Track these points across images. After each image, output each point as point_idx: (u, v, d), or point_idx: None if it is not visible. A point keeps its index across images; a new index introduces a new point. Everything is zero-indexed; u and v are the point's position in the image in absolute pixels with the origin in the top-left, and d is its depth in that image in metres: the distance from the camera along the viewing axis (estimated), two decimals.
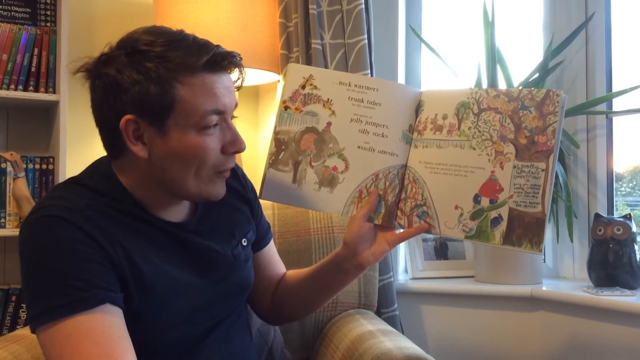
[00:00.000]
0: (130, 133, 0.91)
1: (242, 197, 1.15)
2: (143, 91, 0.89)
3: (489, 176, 0.96)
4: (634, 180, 2.00)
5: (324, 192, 1.05)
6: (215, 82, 0.92)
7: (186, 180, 0.94)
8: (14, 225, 1.84)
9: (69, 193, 0.94)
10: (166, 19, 1.81)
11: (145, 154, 0.92)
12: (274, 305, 1.23)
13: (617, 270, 1.70)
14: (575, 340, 1.73)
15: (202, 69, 0.90)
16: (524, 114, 0.95)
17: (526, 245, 0.92)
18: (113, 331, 0.85)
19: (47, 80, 1.87)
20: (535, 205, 0.92)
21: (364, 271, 1.10)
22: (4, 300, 1.85)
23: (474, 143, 0.97)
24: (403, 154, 1.04)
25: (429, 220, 1.00)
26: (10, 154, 1.82)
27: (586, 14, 1.92)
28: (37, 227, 0.89)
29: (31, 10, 1.94)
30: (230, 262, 1.06)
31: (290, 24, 1.92)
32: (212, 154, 0.94)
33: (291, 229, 1.63)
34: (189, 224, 1.02)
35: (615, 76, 1.92)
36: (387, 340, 1.28)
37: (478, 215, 0.96)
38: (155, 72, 0.88)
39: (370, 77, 1.14)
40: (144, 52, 0.90)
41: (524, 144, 0.94)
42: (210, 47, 0.92)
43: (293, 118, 1.06)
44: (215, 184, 0.97)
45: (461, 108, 1.00)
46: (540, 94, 0.94)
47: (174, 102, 0.89)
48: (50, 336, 0.84)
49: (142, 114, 0.90)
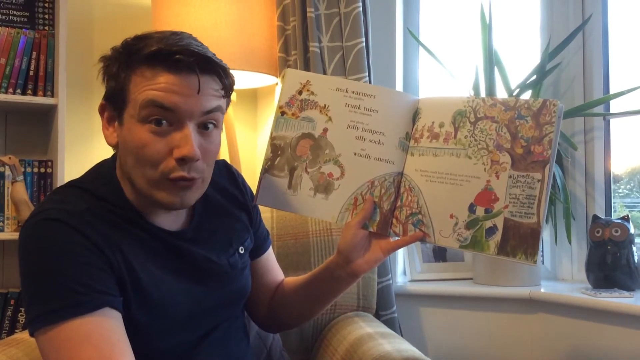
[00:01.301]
0: (105, 119, 0.97)
1: (241, 205, 1.14)
2: (110, 80, 0.94)
3: (485, 185, 0.95)
4: (632, 182, 2.00)
5: (319, 198, 1.04)
6: (160, 75, 0.89)
7: (137, 177, 0.92)
8: (13, 229, 1.84)
9: (70, 196, 0.94)
10: (164, 22, 1.82)
11: (114, 140, 0.95)
12: (270, 312, 1.22)
13: (615, 272, 1.70)
14: (573, 342, 1.73)
15: (147, 60, 0.90)
16: (521, 124, 0.94)
17: (520, 256, 0.91)
18: (111, 335, 0.84)
19: (46, 84, 1.87)
20: (530, 216, 0.91)
21: (357, 279, 1.09)
22: (2, 304, 1.84)
23: (470, 152, 0.97)
24: (399, 161, 1.03)
25: (424, 229, 0.99)
26: (8, 157, 1.82)
27: (583, 16, 1.93)
28: (37, 230, 0.88)
29: (29, 14, 1.94)
30: (226, 272, 1.05)
31: (288, 27, 1.92)
32: (155, 153, 0.89)
33: (290, 231, 1.63)
34: (186, 232, 1.01)
35: (613, 78, 1.92)
36: (385, 343, 1.28)
37: (473, 225, 0.95)
38: (116, 61, 0.92)
39: (368, 84, 1.14)
40: (123, 43, 0.93)
41: (520, 153, 0.93)
42: (169, 41, 0.89)
43: (289, 123, 1.06)
44: (165, 190, 0.91)
45: (458, 116, 0.99)
46: (537, 103, 0.93)
47: (126, 92, 0.91)
48: (48, 340, 0.83)
49: (110, 101, 0.95)
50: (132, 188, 0.95)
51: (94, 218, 0.91)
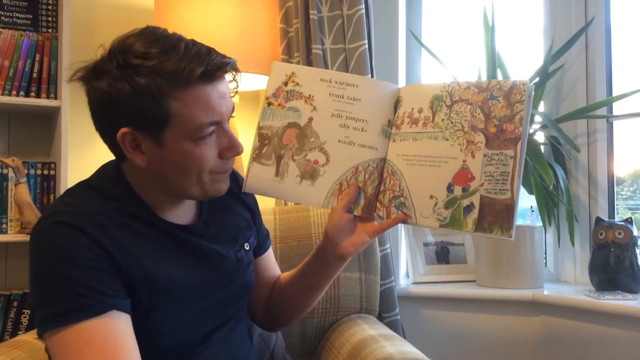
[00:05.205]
0: (128, 144, 0.92)
1: (244, 203, 1.18)
2: (137, 106, 0.89)
3: (461, 165, 0.98)
4: (635, 184, 2.00)
5: (305, 185, 1.07)
6: (209, 92, 0.92)
7: (188, 185, 0.96)
8: (16, 231, 1.84)
9: (81, 198, 0.95)
10: (167, 25, 1.82)
11: (144, 163, 0.94)
12: (268, 309, 1.25)
13: (618, 274, 1.70)
14: (576, 345, 1.73)
15: (195, 82, 0.90)
16: (493, 104, 0.97)
17: (497, 232, 0.94)
18: (117, 337, 0.86)
19: (49, 86, 1.88)
20: (504, 192, 0.94)
21: (345, 263, 1.12)
22: (5, 306, 1.85)
23: (447, 134, 1.00)
24: (382, 147, 1.07)
25: (406, 211, 1.03)
26: (11, 159, 1.82)
27: (586, 18, 1.93)
28: (47, 232, 0.90)
29: (32, 17, 1.95)
30: (234, 266, 1.08)
31: (291, 29, 1.93)
32: (209, 161, 0.95)
33: (292, 233, 1.63)
34: (195, 227, 1.04)
35: (616, 80, 1.92)
36: (388, 345, 1.28)
37: (451, 204, 0.98)
38: (148, 88, 0.88)
39: (350, 74, 1.17)
40: (136, 67, 0.89)
41: (494, 132, 0.96)
42: (203, 58, 0.90)
43: (276, 114, 1.09)
44: (217, 182, 0.99)
45: (435, 101, 1.03)
46: (508, 84, 0.96)
47: (169, 116, 0.90)
48: (56, 342, 0.85)
49: (138, 127, 0.91)
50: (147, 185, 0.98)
51: (104, 220, 0.92)
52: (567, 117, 1.89)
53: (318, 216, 1.64)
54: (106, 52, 0.93)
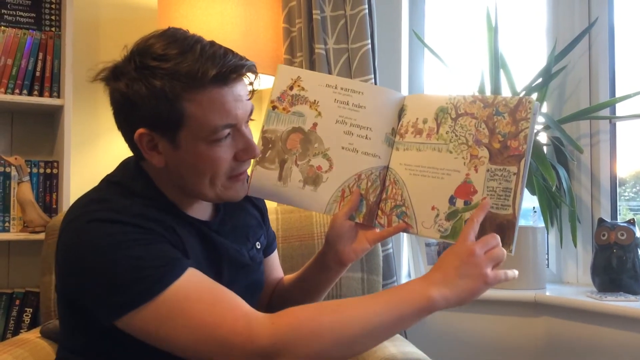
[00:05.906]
0: (145, 144, 0.94)
1: (254, 204, 1.19)
2: (152, 107, 0.90)
3: (464, 179, 0.98)
4: (638, 185, 2.00)
5: (308, 190, 1.08)
6: (224, 95, 0.92)
7: (202, 186, 0.96)
8: (18, 229, 1.84)
9: (109, 194, 0.96)
10: (170, 24, 1.81)
11: (162, 163, 0.95)
12: (269, 310, 1.23)
13: (621, 275, 1.70)
14: (578, 346, 1.73)
15: (209, 83, 0.90)
16: (498, 120, 0.97)
17: None
18: (208, 285, 0.89)
19: (52, 85, 1.88)
20: (506, 208, 0.94)
21: (346, 268, 1.13)
22: (8, 304, 1.85)
23: (451, 147, 1.00)
24: (385, 155, 1.07)
25: (407, 220, 1.03)
26: (14, 158, 1.82)
27: (589, 19, 1.92)
28: (92, 230, 0.89)
29: (36, 15, 1.95)
30: (247, 264, 1.09)
31: (293, 29, 1.93)
32: (224, 163, 0.95)
33: (295, 233, 1.63)
34: (213, 224, 1.05)
35: (619, 81, 1.92)
36: (390, 346, 1.28)
37: (453, 216, 0.98)
38: (162, 90, 0.89)
39: (356, 80, 1.17)
40: (152, 69, 0.90)
41: (498, 148, 0.96)
42: (218, 59, 0.91)
43: (280, 118, 1.10)
44: (231, 188, 0.99)
45: (440, 113, 1.03)
46: (514, 100, 0.97)
47: (183, 118, 0.91)
48: (151, 317, 0.85)
49: (154, 128, 0.92)
50: (167, 182, 0.98)
51: (140, 209, 0.92)
52: (570, 118, 1.89)
53: (320, 216, 1.64)
54: (128, 53, 0.94)
